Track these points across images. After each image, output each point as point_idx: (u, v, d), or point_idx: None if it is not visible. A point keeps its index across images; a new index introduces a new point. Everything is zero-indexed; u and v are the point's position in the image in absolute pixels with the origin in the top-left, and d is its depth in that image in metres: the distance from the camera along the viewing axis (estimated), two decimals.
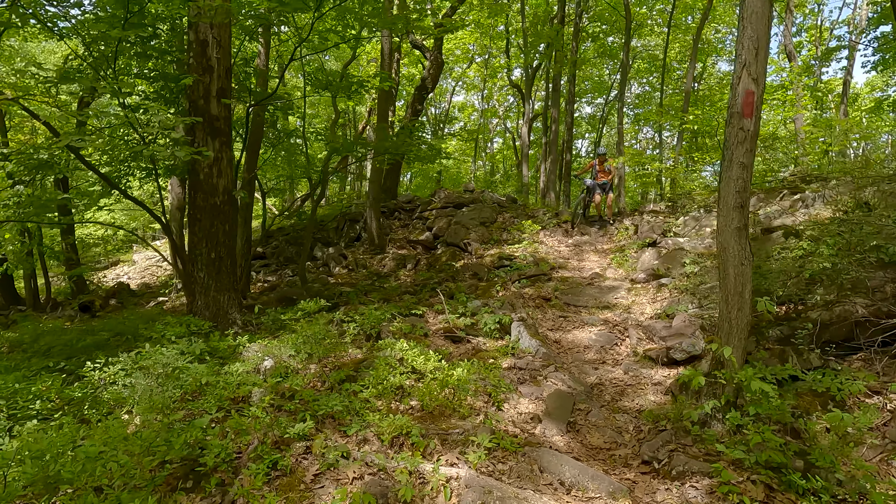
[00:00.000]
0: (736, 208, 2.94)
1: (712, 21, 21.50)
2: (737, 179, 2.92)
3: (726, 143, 2.96)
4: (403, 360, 4.09)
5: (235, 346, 4.41)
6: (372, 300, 7.49)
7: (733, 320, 2.99)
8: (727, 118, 2.97)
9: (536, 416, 3.61)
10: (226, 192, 5.58)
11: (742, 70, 2.87)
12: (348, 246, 13.24)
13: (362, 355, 4.62)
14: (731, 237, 2.95)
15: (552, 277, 7.09)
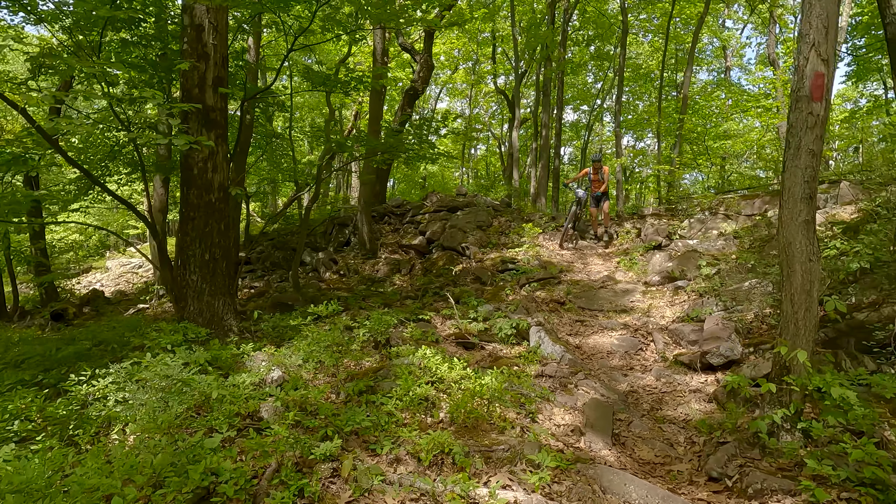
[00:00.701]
0: (804, 199, 2.72)
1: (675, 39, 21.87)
2: (805, 168, 2.70)
3: (791, 130, 2.74)
4: (426, 368, 3.75)
5: (239, 354, 4.00)
6: (372, 305, 7.11)
7: (800, 321, 2.76)
8: (791, 103, 2.76)
9: (577, 429, 3.32)
10: (221, 189, 5.17)
11: (810, 51, 2.66)
12: (338, 251, 12.81)
13: (376, 363, 4.26)
14: (797, 231, 2.73)
15: (562, 281, 6.84)
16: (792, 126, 2.75)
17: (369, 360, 4.45)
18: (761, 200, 7.84)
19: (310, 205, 8.12)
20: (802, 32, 2.73)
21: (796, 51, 2.77)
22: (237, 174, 8.02)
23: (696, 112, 21.11)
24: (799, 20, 2.73)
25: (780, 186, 2.82)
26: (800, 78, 2.71)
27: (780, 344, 2.80)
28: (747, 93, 20.43)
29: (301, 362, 3.92)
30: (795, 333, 2.77)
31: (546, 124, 16.71)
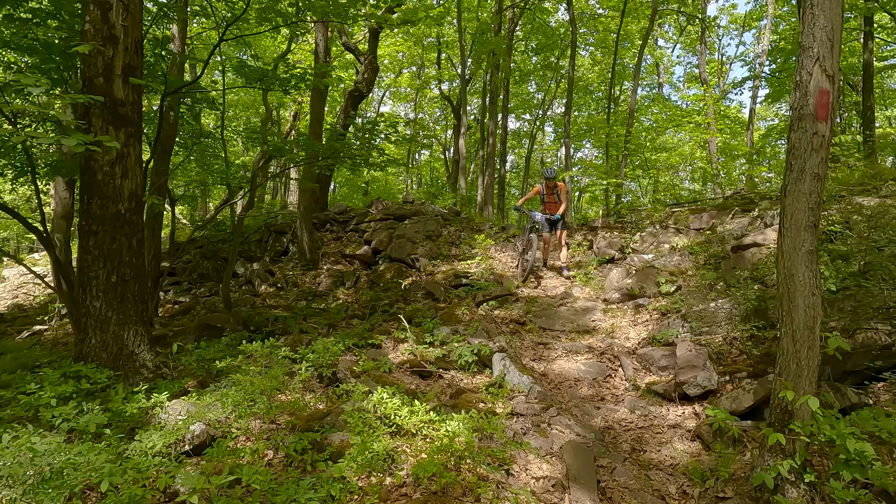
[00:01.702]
0: (808, 228, 2.48)
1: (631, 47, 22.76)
2: (809, 194, 2.47)
3: (793, 152, 2.51)
4: (382, 412, 3.21)
5: (149, 406, 3.26)
6: (315, 326, 6.44)
7: (803, 361, 2.52)
8: (792, 121, 2.53)
9: (559, 482, 2.92)
10: (133, 198, 4.35)
11: (814, 65, 2.44)
12: (274, 261, 11.89)
13: (324, 406, 3.66)
14: (801, 262, 2.49)
15: (519, 298, 6.52)
16: (794, 147, 2.51)
17: (314, 401, 3.84)
18: (708, 215, 7.94)
19: (243, 212, 7.31)
20: (804, 45, 2.50)
21: (797, 65, 2.55)
22: (157, 178, 7.06)
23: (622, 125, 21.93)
24: (800, 32, 2.49)
25: (780, 212, 2.58)
26: (802, 95, 2.48)
27: (781, 385, 2.55)
28: (679, 108, 21.48)
29: (231, 410, 3.25)
30: (798, 374, 2.53)
31: (493, 132, 16.58)
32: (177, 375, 4.39)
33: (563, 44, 17.81)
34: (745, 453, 3.02)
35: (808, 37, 2.47)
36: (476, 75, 22.15)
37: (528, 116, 28.47)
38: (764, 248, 5.64)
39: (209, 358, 4.46)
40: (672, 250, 7.21)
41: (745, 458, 3.00)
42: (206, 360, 4.46)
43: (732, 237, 6.56)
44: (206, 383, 4.18)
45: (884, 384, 3.50)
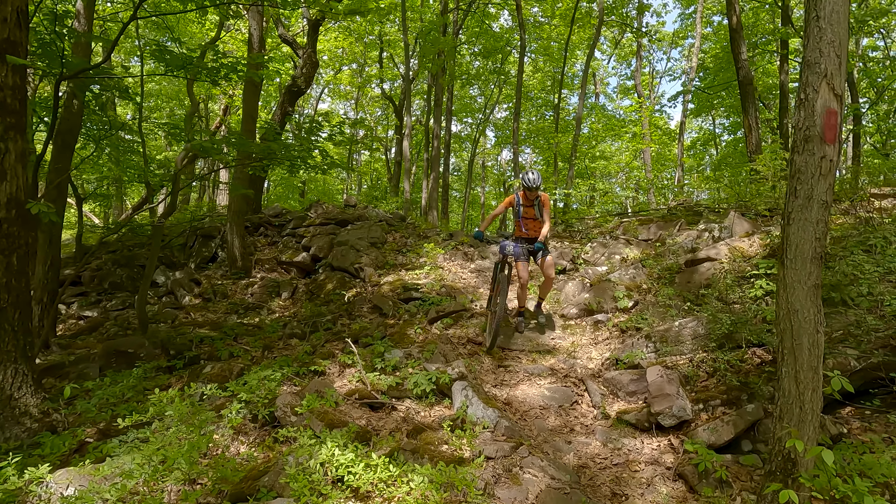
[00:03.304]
0: (814, 260, 2.28)
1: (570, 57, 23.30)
2: (817, 223, 2.27)
3: (798, 176, 2.30)
4: (333, 473, 2.69)
5: (24, 484, 2.51)
6: (247, 349, 5.72)
7: (807, 404, 2.32)
8: (796, 143, 2.32)
9: None
10: (13, 205, 3.52)
11: (821, 82, 2.24)
12: (200, 268, 10.81)
13: (261, 458, 3.07)
14: (806, 297, 2.29)
15: (475, 314, 6.15)
16: (800, 171, 2.30)
17: (248, 451, 3.23)
18: (656, 226, 8.01)
19: (164, 216, 6.41)
20: (810, 60, 2.30)
21: (801, 81, 2.35)
22: (55, 177, 6.01)
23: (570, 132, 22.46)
24: (803, 46, 2.28)
25: (782, 241, 2.37)
26: (808, 114, 2.27)
27: (783, 431, 2.33)
28: (616, 118, 22.24)
29: (140, 476, 2.58)
30: (801, 419, 2.33)
31: (437, 134, 16.23)
32: (71, 423, 3.59)
33: (506, 49, 17.80)
34: (736, 498, 2.81)
35: (813, 52, 2.27)
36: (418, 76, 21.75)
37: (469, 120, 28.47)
38: (717, 263, 5.65)
39: (114, 401, 3.69)
40: (623, 262, 7.15)
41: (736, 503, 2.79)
42: (111, 403, 3.68)
43: (683, 250, 6.58)
44: (109, 433, 3.44)
45: (851, 409, 3.45)
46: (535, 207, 5.47)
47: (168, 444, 2.65)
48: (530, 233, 5.58)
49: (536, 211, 5.47)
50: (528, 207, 5.51)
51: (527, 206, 5.52)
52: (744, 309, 4.31)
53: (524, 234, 5.60)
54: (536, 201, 5.44)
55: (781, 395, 2.41)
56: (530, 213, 5.52)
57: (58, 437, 3.17)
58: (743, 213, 7.07)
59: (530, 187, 5.28)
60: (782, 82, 15.69)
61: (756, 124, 11.66)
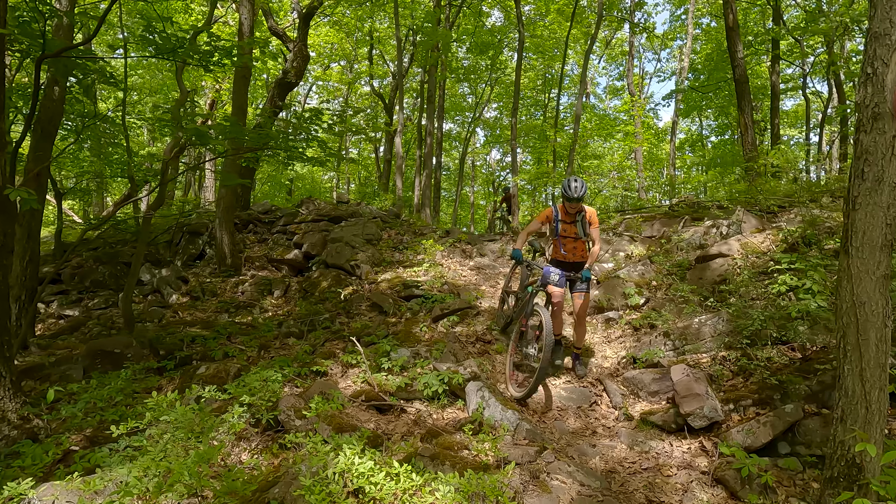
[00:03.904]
0: (884, 248, 2.11)
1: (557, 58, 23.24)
2: (888, 207, 2.10)
3: (865, 157, 2.13)
4: (352, 483, 2.44)
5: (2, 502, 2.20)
6: (243, 348, 5.42)
7: (874, 404, 2.15)
8: (861, 122, 2.15)
9: None
10: None
11: (892, 54, 2.07)
12: (188, 265, 10.42)
13: (265, 466, 2.80)
14: (874, 288, 2.12)
15: (480, 311, 5.93)
16: (867, 152, 2.12)
17: (252, 459, 2.95)
18: (660, 222, 7.88)
19: (151, 210, 6.06)
20: (878, 32, 2.13)
21: (866, 55, 2.18)
22: (33, 165, 5.64)
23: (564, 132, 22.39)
24: (869, 17, 2.11)
25: (846, 227, 2.19)
26: (877, 90, 2.10)
27: (848, 434, 2.16)
28: (608, 118, 22.25)
29: (138, 490, 2.30)
30: (867, 420, 2.15)
31: (430, 132, 16.00)
32: (54, 429, 3.28)
33: (500, 43, 17.64)
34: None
35: (882, 22, 2.10)
36: (408, 73, 21.48)
37: (459, 119, 28.30)
38: (729, 260, 5.51)
39: (102, 405, 3.38)
40: (629, 259, 7.00)
41: None
42: (99, 407, 3.37)
43: (692, 247, 6.45)
44: (97, 440, 3.14)
45: None
46: (577, 224, 4.39)
47: (169, 454, 2.38)
48: (570, 256, 4.52)
49: (579, 229, 4.39)
50: (569, 224, 4.41)
51: (567, 223, 4.42)
52: (767, 305, 4.15)
53: (563, 258, 4.54)
54: (580, 217, 4.36)
55: (844, 395, 2.23)
56: (571, 232, 4.43)
57: (39, 445, 2.86)
58: (748, 209, 6.97)
59: (571, 198, 4.22)
60: (773, 83, 15.79)
61: (751, 123, 11.66)
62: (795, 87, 19.49)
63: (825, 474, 2.27)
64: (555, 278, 4.36)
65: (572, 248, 4.51)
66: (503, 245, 9.35)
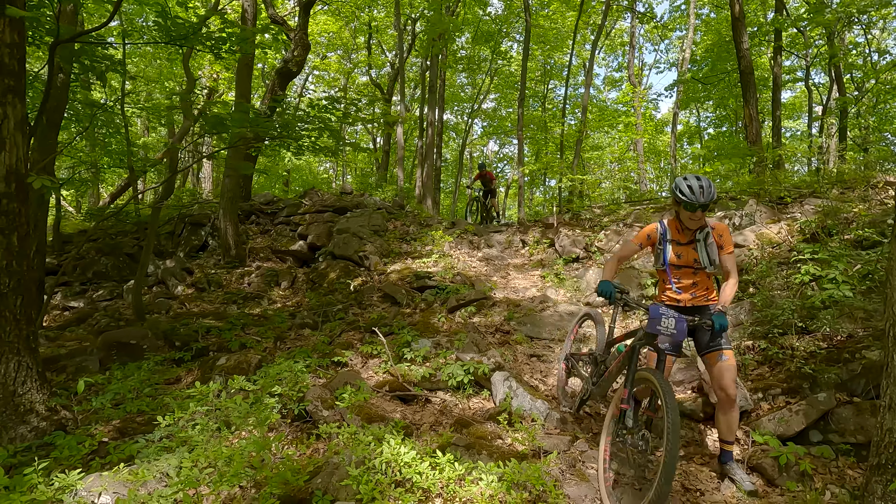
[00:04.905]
0: None
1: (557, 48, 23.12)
2: None
3: None
4: (400, 474, 2.43)
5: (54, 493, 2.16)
6: (259, 339, 5.38)
7: None
8: None
9: None
10: (12, 178, 3.13)
11: None
12: (191, 257, 10.34)
13: (297, 457, 2.78)
14: None
15: (496, 302, 5.92)
16: None
17: (284, 450, 2.93)
18: (670, 213, 7.89)
19: (163, 198, 5.97)
20: None
21: None
22: (42, 156, 5.54)
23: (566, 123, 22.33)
24: None
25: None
26: None
27: (893, 422, 2.17)
28: (609, 109, 22.21)
29: (176, 477, 2.28)
30: None
31: (431, 122, 15.89)
32: (81, 420, 3.24)
33: (502, 33, 17.51)
34: (824, 493, 2.66)
35: None
36: (406, 63, 21.29)
37: (457, 109, 28.16)
38: (745, 250, 5.53)
39: (131, 396, 3.34)
40: None
41: (827, 500, 2.63)
42: (129, 397, 3.33)
43: None
44: (126, 431, 3.11)
45: None
46: (699, 247, 2.92)
47: (213, 444, 2.35)
48: (686, 298, 3.02)
49: (702, 254, 2.91)
50: (685, 247, 2.96)
51: (682, 244, 2.97)
52: (791, 294, 4.17)
53: (673, 301, 3.05)
54: (702, 235, 2.93)
55: (892, 383, 2.24)
56: (688, 258, 2.96)
57: (73, 436, 2.82)
58: (759, 200, 6.99)
59: (694, 204, 2.77)
60: (776, 74, 15.78)
61: (756, 114, 11.66)
62: (795, 80, 19.50)
63: (871, 461, 2.28)
64: (670, 324, 2.63)
65: (690, 284, 2.99)
66: (510, 236, 9.34)
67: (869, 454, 2.35)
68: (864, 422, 2.93)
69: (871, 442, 2.40)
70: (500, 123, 28.16)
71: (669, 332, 2.66)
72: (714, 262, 2.94)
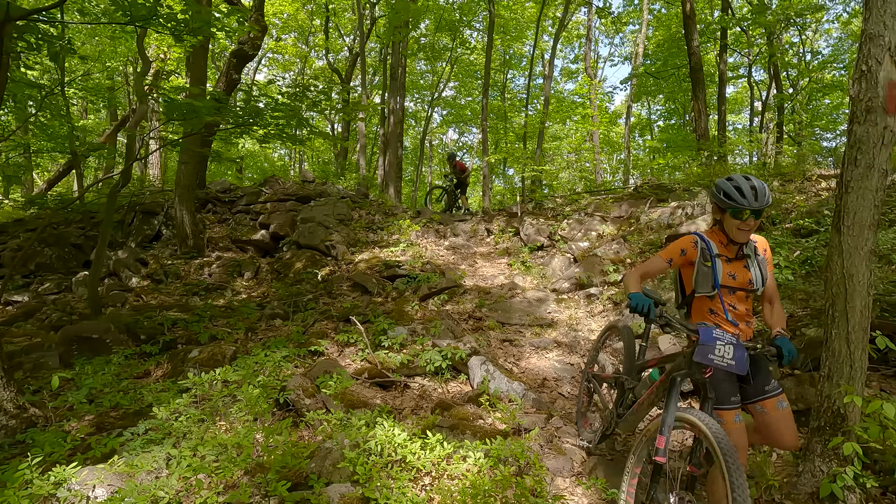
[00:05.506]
0: (871, 227, 2.40)
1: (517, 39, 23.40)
2: (876, 191, 2.38)
3: (860, 146, 2.40)
4: (393, 454, 2.53)
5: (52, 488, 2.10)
6: (229, 331, 5.29)
7: (856, 363, 2.47)
8: (855, 114, 2.41)
9: None
10: None
11: (885, 55, 2.33)
12: (143, 247, 9.94)
13: (291, 447, 2.83)
14: (862, 262, 2.41)
15: (467, 290, 6.08)
16: (860, 141, 2.40)
17: (263, 438, 2.97)
18: (627, 203, 8.29)
19: (118, 188, 5.69)
20: (872, 33, 2.38)
21: (860, 53, 2.43)
22: None
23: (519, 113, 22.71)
24: (864, 19, 2.36)
25: (839, 209, 2.48)
26: (871, 86, 2.36)
27: (832, 389, 2.47)
28: (566, 100, 22.72)
29: (178, 469, 2.28)
30: (851, 377, 2.48)
31: (393, 109, 15.78)
32: (51, 417, 3.14)
33: (463, 24, 17.54)
34: (771, 455, 2.97)
35: (877, 24, 2.36)
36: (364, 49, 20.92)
37: (417, 96, 27.99)
38: None
39: (109, 390, 3.25)
40: (601, 238, 7.35)
41: (773, 461, 2.95)
42: (105, 391, 3.25)
43: (661, 226, 6.85)
44: (104, 426, 3.05)
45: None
46: (750, 264, 2.42)
47: (210, 434, 2.36)
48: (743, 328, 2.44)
49: (755, 273, 2.41)
50: (735, 263, 2.42)
51: (730, 260, 2.41)
52: None
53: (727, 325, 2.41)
54: (750, 250, 2.44)
55: (831, 356, 2.54)
56: (742, 278, 2.41)
57: (50, 433, 2.74)
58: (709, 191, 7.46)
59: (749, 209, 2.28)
60: (721, 71, 16.65)
61: (704, 109, 12.33)
62: (738, 76, 20.60)
63: (812, 425, 2.59)
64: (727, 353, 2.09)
65: (744, 312, 2.44)
66: (475, 225, 9.51)
67: (809, 419, 2.66)
68: (804, 391, 3.28)
69: (811, 409, 2.72)
70: (460, 112, 28.23)
71: (726, 362, 2.07)
72: (764, 284, 2.42)
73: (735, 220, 2.33)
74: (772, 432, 2.35)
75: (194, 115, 4.69)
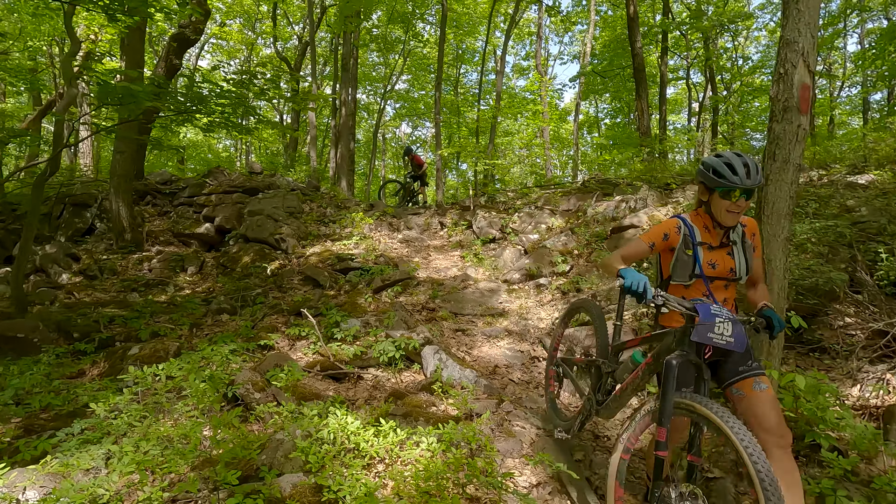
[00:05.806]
0: (787, 216, 2.63)
1: (469, 33, 23.56)
2: (791, 183, 2.61)
3: (777, 142, 2.62)
4: (347, 442, 2.53)
5: None
6: (172, 327, 5.08)
7: (775, 341, 2.71)
8: (774, 113, 2.63)
9: (555, 489, 2.68)
10: None
11: (799, 59, 2.55)
12: (75, 241, 9.34)
13: (240, 441, 2.78)
14: (779, 248, 2.64)
15: (420, 281, 6.11)
16: (778, 138, 2.62)
17: (211, 433, 2.91)
18: (575, 197, 8.58)
19: (45, 177, 5.29)
20: (789, 39, 2.60)
21: (779, 57, 2.65)
22: None
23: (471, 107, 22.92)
24: (781, 26, 2.58)
25: (760, 200, 2.70)
26: (787, 87, 2.59)
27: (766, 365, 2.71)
28: (518, 96, 23.11)
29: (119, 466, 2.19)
30: (769, 353, 2.72)
31: (346, 101, 15.52)
32: None
33: (415, 17, 17.46)
34: None
35: (792, 31, 2.58)
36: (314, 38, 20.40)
37: (370, 88, 27.62)
38: (640, 230, 6.23)
39: (39, 391, 3.06)
40: (550, 230, 7.58)
41: None
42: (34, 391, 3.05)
43: (606, 219, 7.15)
44: (34, 429, 2.87)
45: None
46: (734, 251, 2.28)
47: (158, 429, 2.28)
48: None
49: (738, 260, 2.27)
50: (717, 251, 2.28)
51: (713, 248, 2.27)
52: None
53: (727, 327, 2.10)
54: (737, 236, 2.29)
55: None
56: (723, 266, 2.27)
57: None
58: (650, 186, 7.85)
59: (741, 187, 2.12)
60: (662, 72, 17.48)
61: (647, 108, 12.91)
62: (678, 78, 21.65)
63: None
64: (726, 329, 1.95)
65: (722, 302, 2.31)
66: (428, 219, 9.56)
67: None
68: None
69: None
70: (414, 106, 28.11)
71: (725, 340, 1.92)
72: (749, 271, 2.27)
73: (724, 200, 2.13)
74: (748, 417, 2.07)
75: (132, 99, 4.43)
